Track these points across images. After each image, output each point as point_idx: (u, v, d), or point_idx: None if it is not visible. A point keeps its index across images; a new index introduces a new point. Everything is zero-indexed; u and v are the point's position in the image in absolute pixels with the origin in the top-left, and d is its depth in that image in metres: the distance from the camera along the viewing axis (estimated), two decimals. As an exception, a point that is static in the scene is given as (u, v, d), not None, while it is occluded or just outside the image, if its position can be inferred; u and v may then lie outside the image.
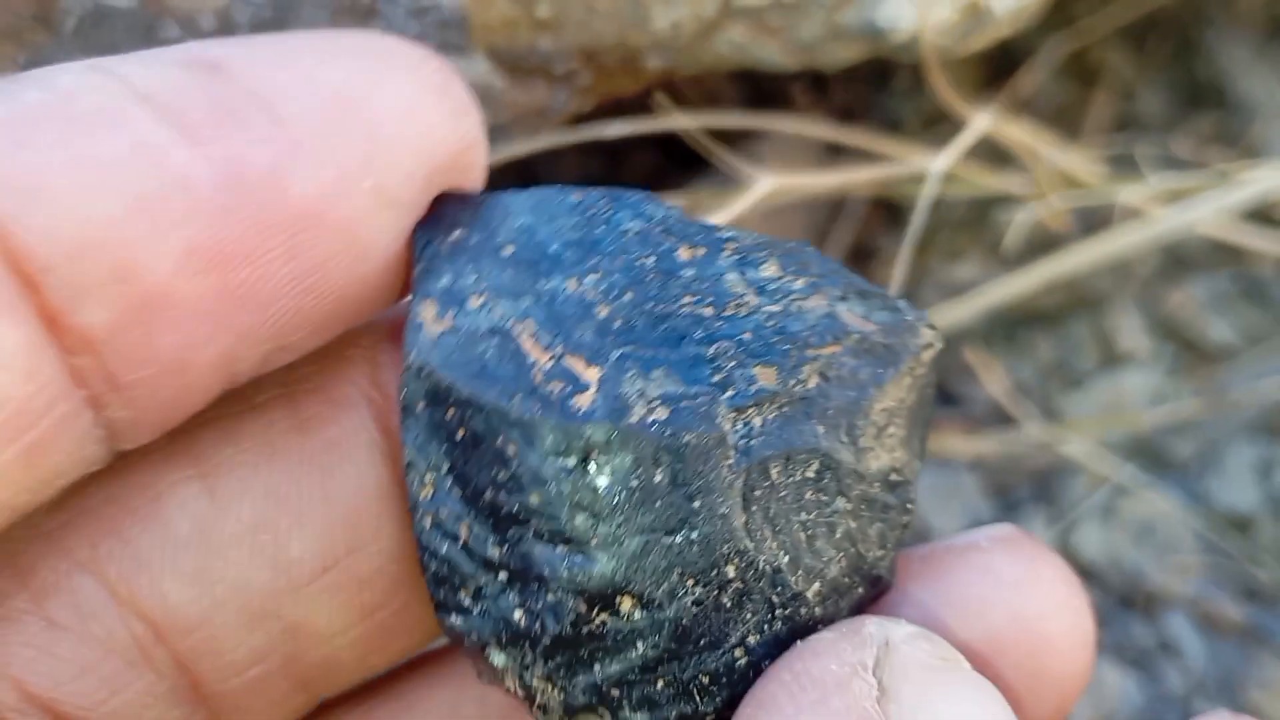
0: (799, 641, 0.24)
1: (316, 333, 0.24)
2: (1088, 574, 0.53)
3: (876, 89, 0.61)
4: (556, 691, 0.24)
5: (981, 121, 0.44)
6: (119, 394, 0.22)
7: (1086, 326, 0.59)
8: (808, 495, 0.24)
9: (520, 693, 0.24)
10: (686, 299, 0.25)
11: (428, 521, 0.24)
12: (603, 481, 0.23)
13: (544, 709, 0.25)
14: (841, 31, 0.41)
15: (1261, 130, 0.59)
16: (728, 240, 0.26)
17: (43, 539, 0.25)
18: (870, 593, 0.26)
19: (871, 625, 0.24)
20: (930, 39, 0.41)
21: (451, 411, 0.23)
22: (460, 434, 0.23)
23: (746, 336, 0.24)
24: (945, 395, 0.57)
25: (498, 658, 0.24)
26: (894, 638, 0.23)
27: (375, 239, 0.24)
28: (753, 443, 0.24)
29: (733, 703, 0.25)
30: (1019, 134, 0.48)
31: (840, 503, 0.25)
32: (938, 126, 0.60)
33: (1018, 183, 0.53)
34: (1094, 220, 0.57)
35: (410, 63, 0.24)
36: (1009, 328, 0.59)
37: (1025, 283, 0.54)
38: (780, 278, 0.25)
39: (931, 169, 0.44)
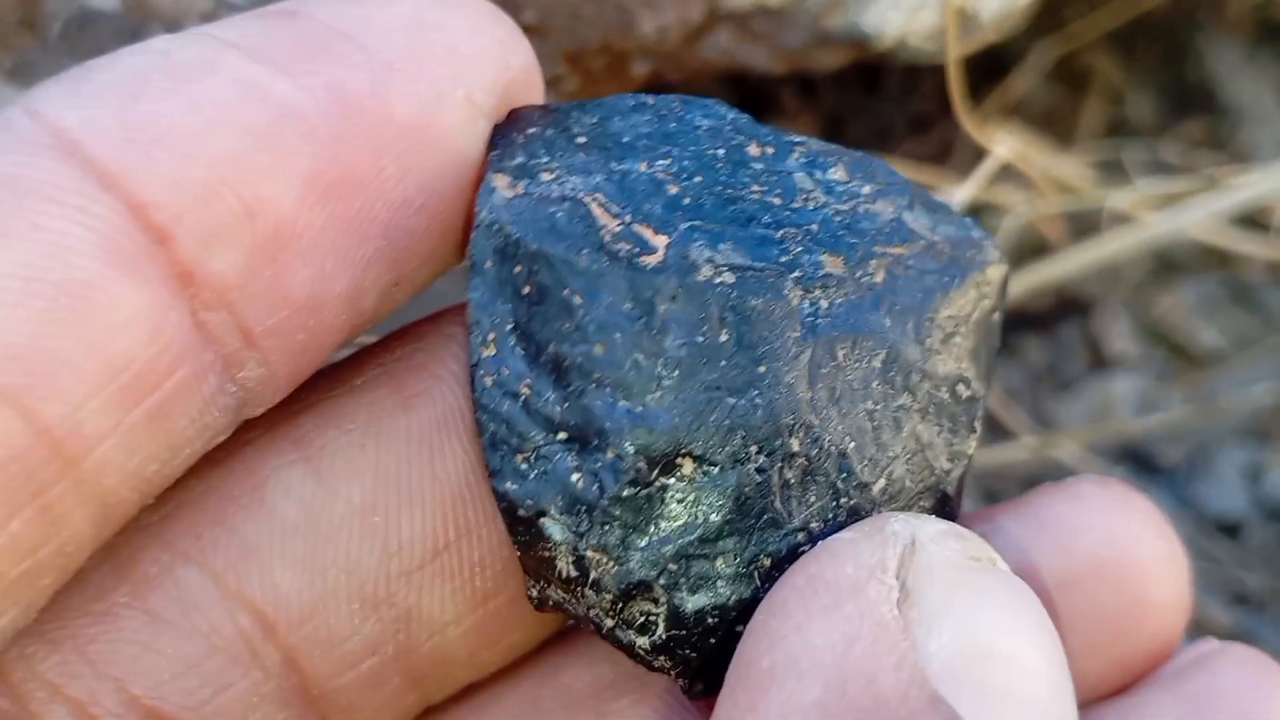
0: (819, 543, 0.23)
1: (428, 263, 0.24)
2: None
3: (865, 93, 0.61)
4: (612, 564, 0.23)
5: (1002, 150, 0.44)
6: (253, 349, 0.22)
7: (1076, 331, 0.59)
8: (874, 385, 0.24)
9: (574, 572, 0.24)
10: (755, 187, 0.25)
11: (489, 381, 0.23)
12: (667, 334, 0.23)
13: (598, 587, 0.24)
14: (828, 36, 0.41)
15: (1250, 134, 0.59)
16: (797, 144, 0.26)
17: (143, 532, 0.24)
18: (937, 510, 0.25)
19: (896, 523, 0.23)
20: (920, 45, 0.41)
21: (519, 266, 0.23)
22: (527, 289, 0.23)
23: (814, 227, 0.24)
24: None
25: (553, 528, 0.23)
26: (921, 536, 0.22)
27: (474, 149, 0.24)
28: (819, 320, 0.24)
29: None
30: (1034, 156, 0.48)
31: (906, 399, 0.24)
32: (925, 132, 0.60)
33: (1007, 189, 0.53)
34: (1084, 225, 0.57)
35: None
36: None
37: (1015, 287, 0.55)
38: (848, 181, 0.25)
39: (955, 198, 0.44)
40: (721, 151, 0.25)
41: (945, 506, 0.25)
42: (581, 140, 0.25)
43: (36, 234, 0.20)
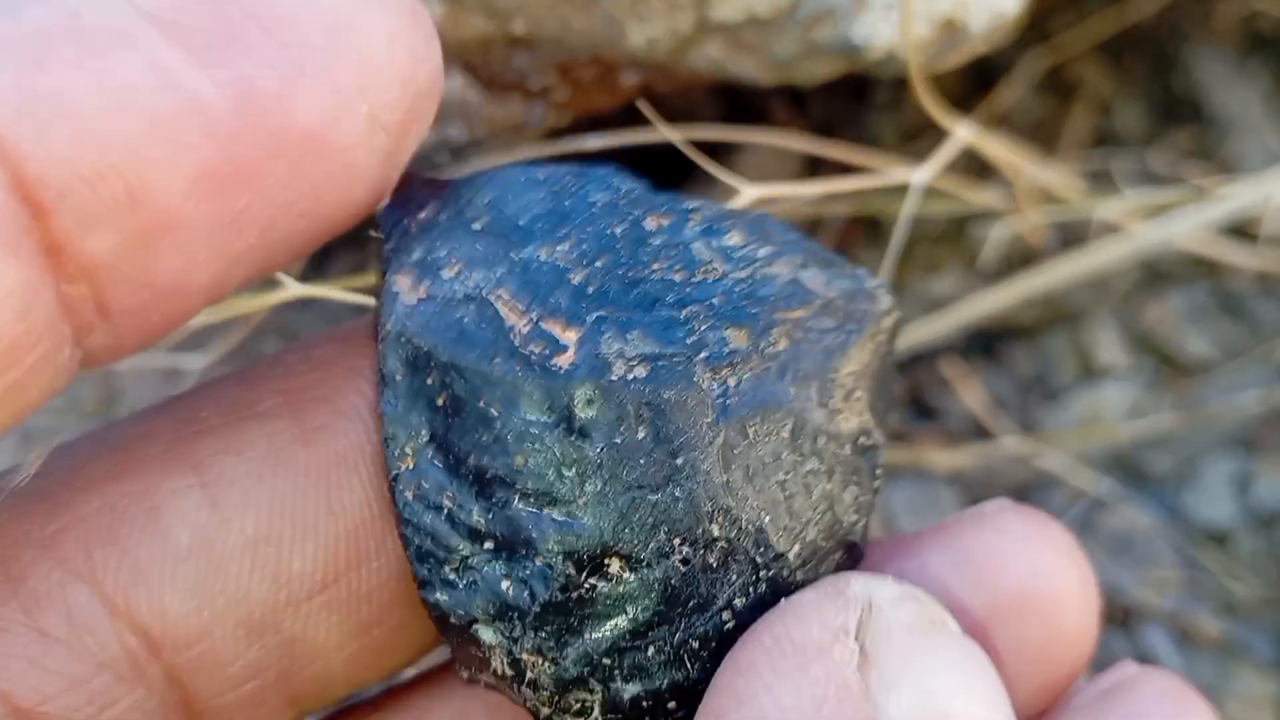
0: (782, 600, 0.24)
1: (295, 260, 0.24)
2: (1066, 588, 0.53)
3: (855, 103, 0.61)
4: (547, 664, 0.24)
5: (963, 133, 0.45)
6: (107, 321, 0.22)
7: (1065, 340, 0.59)
8: (784, 455, 0.24)
9: (509, 671, 0.24)
10: (657, 265, 0.25)
11: (409, 494, 0.24)
12: (587, 439, 0.23)
13: (534, 685, 0.24)
14: (817, 48, 0.41)
15: (1237, 144, 0.60)
16: (692, 211, 0.26)
17: (36, 545, 0.24)
18: (846, 561, 0.26)
19: (856, 585, 0.23)
20: (907, 56, 0.41)
21: (432, 377, 0.23)
22: (441, 400, 0.23)
23: (717, 300, 0.24)
24: (923, 409, 0.58)
25: (486, 633, 0.24)
26: (878, 599, 0.23)
27: (368, 163, 0.24)
28: (729, 401, 0.24)
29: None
30: (999, 149, 0.48)
31: (814, 463, 0.25)
32: (916, 141, 0.60)
33: (996, 197, 0.53)
34: (1072, 235, 0.57)
35: None
36: (987, 342, 0.59)
37: (1003, 297, 0.55)
38: (745, 245, 0.25)
39: (913, 180, 0.44)
40: (620, 229, 0.25)
41: (853, 554, 0.26)
42: (477, 227, 0.25)
43: None
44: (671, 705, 0.24)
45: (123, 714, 0.24)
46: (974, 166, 0.56)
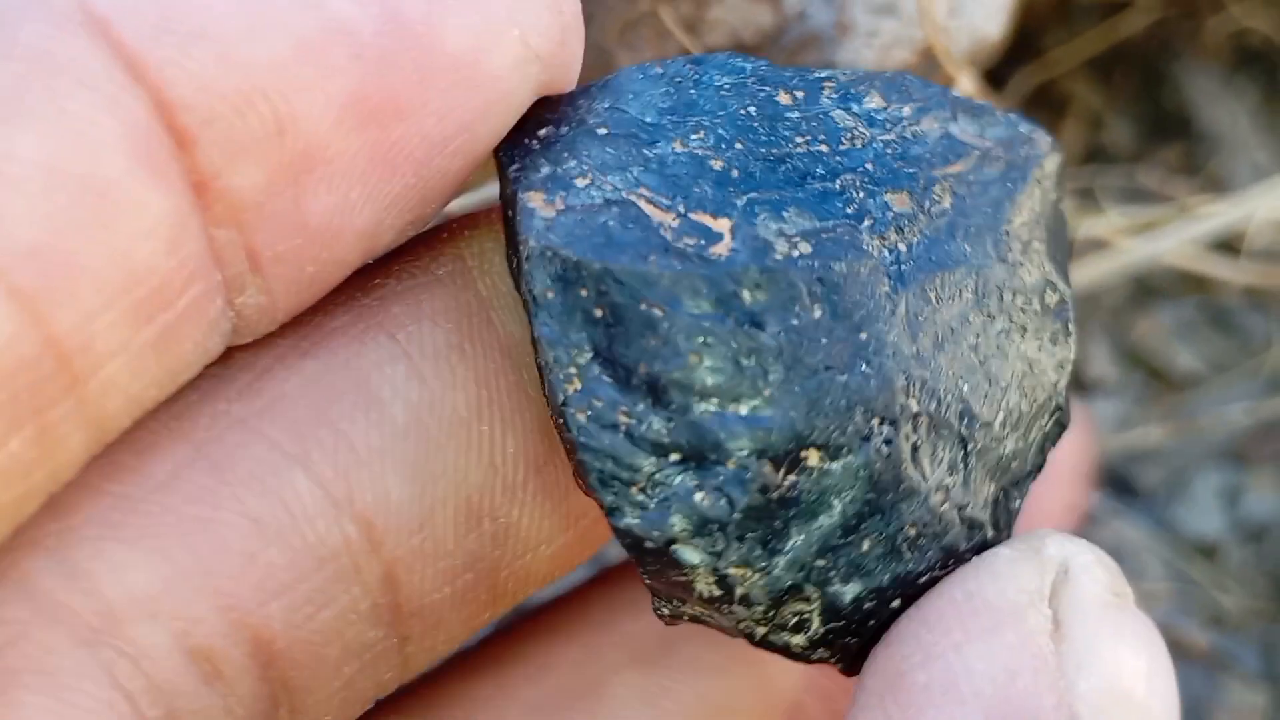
0: (975, 558, 0.23)
1: (446, 203, 0.23)
2: (1056, 601, 0.54)
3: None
4: (758, 576, 0.22)
5: None
6: (258, 274, 0.20)
7: (1055, 355, 0.59)
8: (972, 317, 0.23)
9: (717, 591, 0.22)
10: (799, 139, 0.23)
11: (582, 418, 0.22)
12: (762, 326, 0.21)
13: (746, 601, 0.22)
14: (803, 74, 0.42)
15: (1226, 159, 0.60)
16: (825, 79, 0.24)
17: (239, 427, 0.22)
18: (1052, 433, 0.25)
19: (1053, 545, 0.22)
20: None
21: (586, 289, 0.21)
22: (599, 311, 0.21)
23: (869, 166, 0.23)
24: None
25: (686, 553, 0.22)
26: (1074, 564, 0.22)
27: (521, 94, 0.22)
28: (904, 267, 0.22)
29: (944, 555, 0.23)
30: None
31: (1004, 322, 0.23)
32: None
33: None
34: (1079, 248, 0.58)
35: None
36: (979, 356, 0.59)
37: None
38: (886, 107, 0.24)
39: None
40: (753, 109, 0.23)
41: (1058, 424, 0.25)
42: (603, 132, 0.23)
43: (64, 119, 0.18)
44: (896, 603, 0.23)
45: (337, 615, 0.22)
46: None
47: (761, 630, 0.23)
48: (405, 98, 0.20)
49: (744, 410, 0.21)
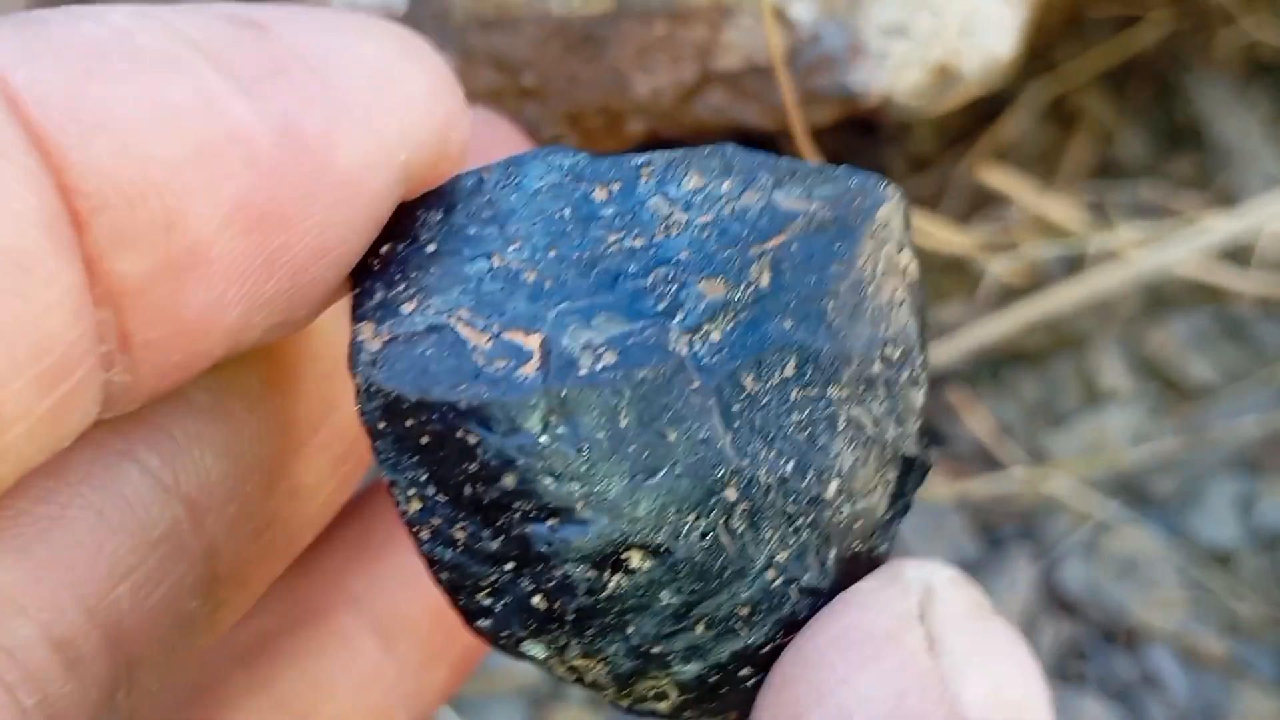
0: (841, 594, 0.23)
1: (319, 310, 0.24)
2: (1071, 609, 0.55)
3: (864, 134, 0.62)
4: (601, 665, 0.23)
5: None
6: (127, 354, 0.21)
7: (1070, 366, 0.60)
8: (794, 394, 0.23)
9: (570, 676, 0.24)
10: (612, 238, 0.23)
11: (425, 534, 0.23)
12: (568, 444, 0.22)
13: (596, 685, 0.24)
14: (817, 95, 0.43)
15: (1238, 171, 0.61)
16: (643, 166, 0.24)
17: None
18: (908, 478, 0.25)
19: (910, 569, 0.23)
20: (906, 102, 0.42)
21: (410, 420, 0.22)
22: (425, 440, 0.23)
23: (684, 255, 0.23)
24: (931, 435, 0.59)
25: (534, 649, 0.23)
26: (935, 583, 0.23)
27: (390, 214, 0.23)
28: (715, 359, 0.23)
29: (782, 625, 0.24)
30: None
31: (833, 392, 0.24)
32: (924, 171, 0.62)
33: (994, 231, 0.55)
34: (1076, 261, 0.58)
35: (427, 50, 0.24)
36: (994, 368, 0.60)
37: (1009, 324, 0.56)
38: (705, 186, 0.24)
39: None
40: (568, 211, 0.24)
41: (910, 468, 0.25)
42: (431, 249, 0.24)
43: None
44: (744, 673, 0.24)
45: (167, 593, 0.24)
46: (978, 199, 0.57)
47: (625, 702, 0.24)
48: (292, 208, 0.21)
49: (562, 521, 0.22)
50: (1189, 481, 0.57)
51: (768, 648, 0.24)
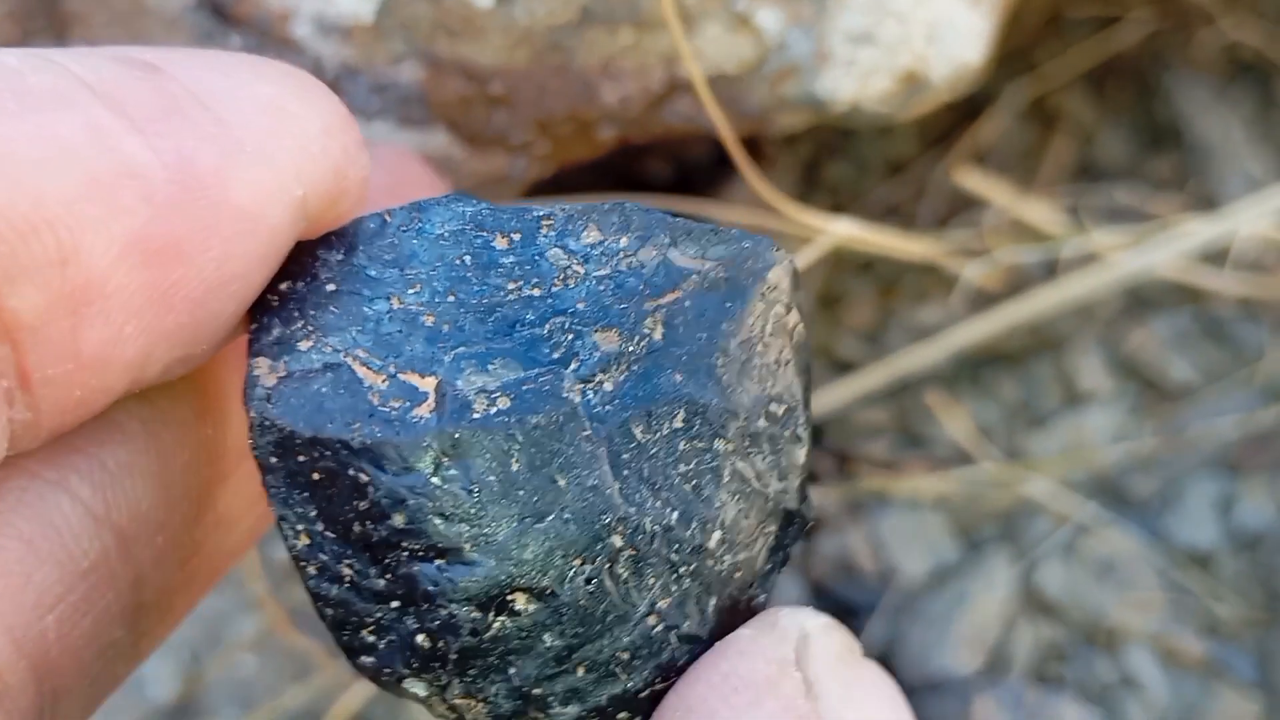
0: (719, 642, 0.24)
1: (219, 344, 0.24)
2: (1050, 611, 0.55)
3: (842, 136, 0.62)
4: (481, 705, 0.24)
5: (839, 229, 0.46)
6: (27, 393, 0.21)
7: (1049, 367, 0.60)
8: (682, 445, 0.24)
9: (450, 714, 0.24)
10: (511, 285, 0.24)
11: (312, 570, 0.23)
12: (459, 485, 0.22)
13: None
14: (785, 102, 0.43)
15: (1218, 170, 0.60)
16: (544, 217, 0.25)
17: (4, 465, 0.23)
18: (788, 532, 0.26)
19: (785, 617, 0.24)
20: (874, 109, 0.42)
21: (301, 456, 0.23)
22: (316, 476, 0.23)
23: (581, 306, 0.24)
24: (911, 437, 0.59)
25: (417, 686, 0.24)
26: (810, 629, 0.23)
27: (290, 249, 0.24)
28: (607, 408, 0.23)
29: (661, 671, 0.24)
30: (881, 236, 0.50)
31: (720, 445, 0.24)
32: (902, 172, 0.62)
33: (968, 237, 0.55)
34: (1055, 264, 0.58)
35: (321, 90, 0.24)
36: (974, 369, 0.60)
37: (989, 325, 0.56)
38: (603, 240, 0.25)
39: (831, 230, 0.45)
40: (469, 258, 0.24)
41: (791, 522, 0.26)
42: (331, 288, 0.24)
43: None
44: (620, 717, 0.24)
45: (94, 623, 0.24)
46: (957, 202, 0.57)
47: None
48: (188, 242, 0.21)
49: (450, 562, 0.22)
50: (1168, 482, 0.57)
51: (646, 692, 0.24)
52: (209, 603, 0.57)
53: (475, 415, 0.22)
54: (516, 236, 0.25)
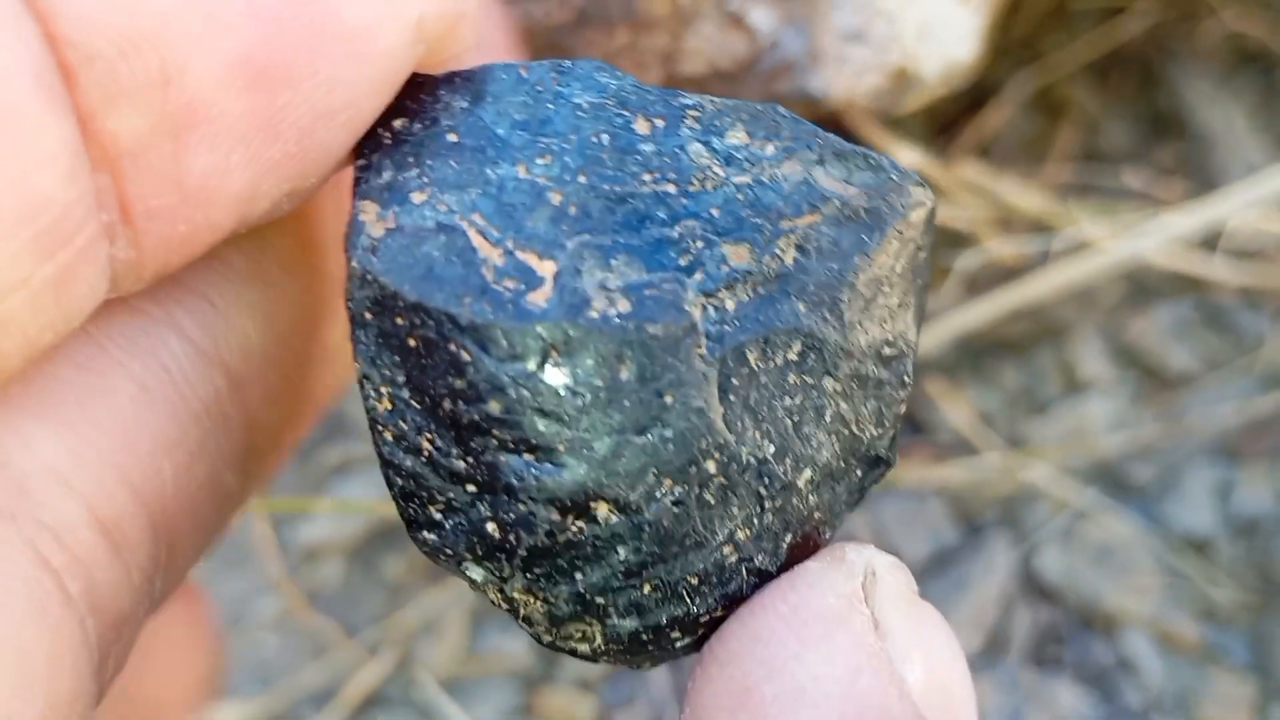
0: (786, 574, 0.23)
1: (326, 177, 0.22)
2: (1049, 595, 0.55)
3: (836, 130, 0.63)
4: (539, 603, 0.23)
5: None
6: (129, 225, 0.19)
7: (1050, 355, 0.60)
8: (791, 379, 0.22)
9: (503, 605, 0.23)
10: (646, 176, 0.22)
11: (389, 435, 0.22)
12: (564, 383, 0.21)
13: (529, 621, 0.23)
14: (779, 99, 0.44)
15: (1221, 159, 0.61)
16: (689, 108, 0.23)
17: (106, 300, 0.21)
18: (870, 474, 0.25)
19: (852, 552, 0.23)
20: (867, 105, 0.43)
21: (400, 319, 0.21)
22: (411, 342, 0.21)
23: (715, 213, 0.22)
24: (912, 423, 0.60)
25: (475, 572, 0.23)
26: (877, 566, 0.23)
27: (407, 74, 0.22)
28: (726, 328, 0.22)
29: (725, 600, 0.23)
30: (973, 172, 0.50)
31: (828, 383, 0.23)
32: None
33: (968, 219, 0.55)
34: (1056, 251, 0.59)
35: None
36: (975, 357, 0.61)
37: (990, 312, 0.56)
38: (748, 144, 0.23)
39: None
40: (606, 137, 0.22)
41: (877, 467, 0.25)
42: (453, 139, 0.22)
43: None
44: (675, 635, 0.24)
45: (208, 468, 0.23)
46: (953, 190, 0.58)
47: (547, 639, 0.24)
48: (296, 64, 0.20)
49: (540, 459, 0.21)
50: (1167, 469, 0.58)
51: (705, 618, 0.23)
52: (229, 584, 0.59)
53: (593, 313, 0.21)
54: (660, 123, 0.23)
